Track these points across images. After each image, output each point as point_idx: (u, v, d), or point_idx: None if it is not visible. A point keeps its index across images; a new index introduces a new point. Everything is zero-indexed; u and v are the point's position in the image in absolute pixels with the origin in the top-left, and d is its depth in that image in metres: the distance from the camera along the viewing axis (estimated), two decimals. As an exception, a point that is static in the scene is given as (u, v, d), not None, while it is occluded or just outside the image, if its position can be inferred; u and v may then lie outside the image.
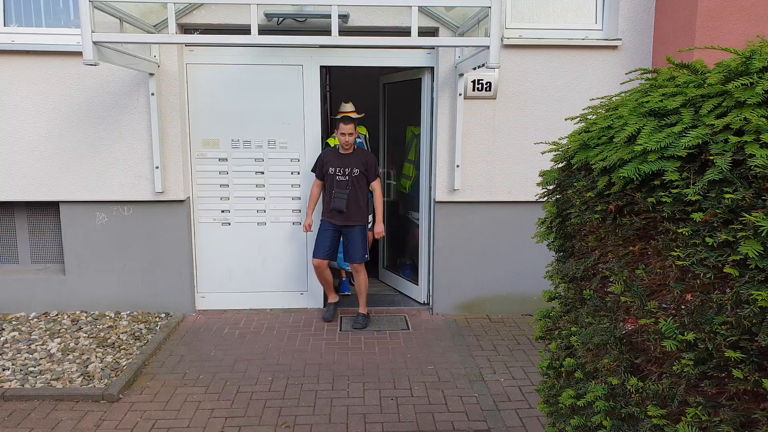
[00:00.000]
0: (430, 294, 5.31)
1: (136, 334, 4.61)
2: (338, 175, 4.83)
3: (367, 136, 5.66)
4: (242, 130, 5.05)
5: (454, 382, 3.94)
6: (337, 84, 6.74)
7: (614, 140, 1.67)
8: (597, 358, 1.78)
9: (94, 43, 3.60)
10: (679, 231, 1.43)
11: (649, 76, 1.89)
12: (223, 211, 5.17)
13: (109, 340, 4.49)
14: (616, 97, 1.95)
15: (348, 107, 5.42)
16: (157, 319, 4.96)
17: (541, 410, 2.17)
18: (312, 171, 4.99)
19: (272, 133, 5.07)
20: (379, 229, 4.98)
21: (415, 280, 5.55)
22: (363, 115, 5.55)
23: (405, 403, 3.65)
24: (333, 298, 5.17)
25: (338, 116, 5.18)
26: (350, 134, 4.81)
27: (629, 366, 1.66)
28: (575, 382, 1.92)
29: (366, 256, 4.97)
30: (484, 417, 3.49)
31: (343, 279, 5.70)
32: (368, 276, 5.06)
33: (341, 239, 5.00)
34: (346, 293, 5.64)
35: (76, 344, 4.42)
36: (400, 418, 3.47)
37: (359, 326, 4.88)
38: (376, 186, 4.96)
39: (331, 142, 5.29)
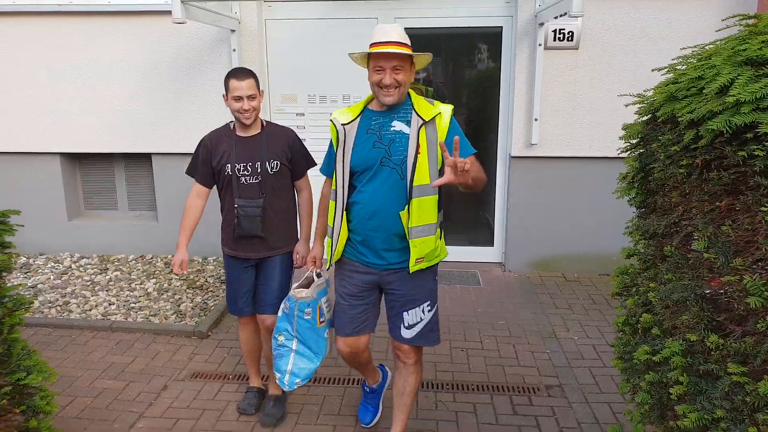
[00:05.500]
0: (504, 251, 5.29)
1: (221, 278, 4.92)
2: (243, 174, 2.82)
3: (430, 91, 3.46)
4: (318, 85, 5.13)
5: (525, 337, 3.96)
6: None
7: (704, 91, 1.60)
8: (675, 314, 1.76)
9: (182, 2, 3.77)
10: (772, 186, 1.37)
11: (749, 22, 1.77)
12: (301, 165, 5.30)
13: (197, 283, 4.82)
14: (710, 46, 1.85)
15: (392, 33, 2.48)
16: (241, 266, 5.25)
17: (615, 366, 2.17)
18: (188, 173, 3.08)
19: (347, 88, 5.11)
20: (301, 250, 2.95)
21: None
22: (430, 55, 2.55)
23: (475, 355, 3.72)
24: (256, 381, 3.25)
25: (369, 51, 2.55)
26: (250, 97, 2.69)
27: (709, 323, 1.63)
28: (651, 338, 1.91)
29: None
30: (555, 373, 3.51)
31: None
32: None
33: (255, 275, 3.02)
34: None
35: (169, 285, 4.79)
36: (470, 369, 3.56)
37: (274, 419, 2.98)
38: (305, 186, 2.98)
39: (337, 115, 2.56)
